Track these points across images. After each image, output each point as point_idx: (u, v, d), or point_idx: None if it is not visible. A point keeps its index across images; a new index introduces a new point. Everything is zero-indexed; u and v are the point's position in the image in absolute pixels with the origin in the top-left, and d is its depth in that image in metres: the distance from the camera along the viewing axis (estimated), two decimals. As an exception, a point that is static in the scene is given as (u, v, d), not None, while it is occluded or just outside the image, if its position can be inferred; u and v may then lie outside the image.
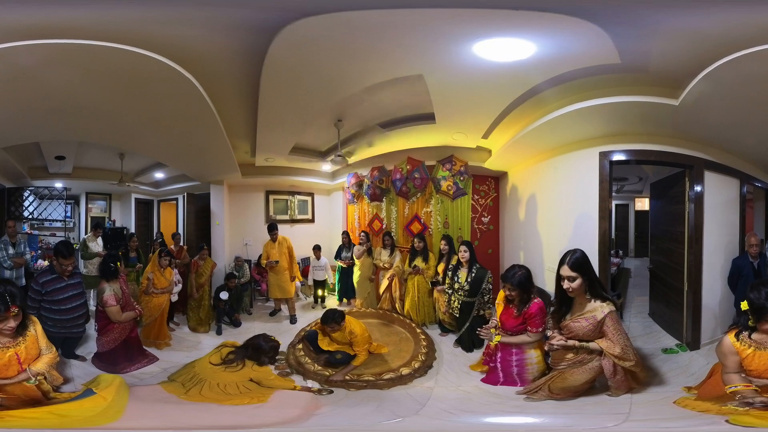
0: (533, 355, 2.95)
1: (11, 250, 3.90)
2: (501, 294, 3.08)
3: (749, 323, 2.24)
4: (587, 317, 2.60)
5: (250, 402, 2.84)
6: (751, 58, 2.39)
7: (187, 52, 2.64)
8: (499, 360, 3.02)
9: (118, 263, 3.41)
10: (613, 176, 3.64)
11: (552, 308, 2.80)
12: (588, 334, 2.60)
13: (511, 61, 2.71)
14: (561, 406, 2.62)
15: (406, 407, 2.72)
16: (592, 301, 2.61)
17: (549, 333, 2.78)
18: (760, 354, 2.22)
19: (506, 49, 2.59)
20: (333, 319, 3.43)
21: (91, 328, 3.59)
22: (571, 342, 2.63)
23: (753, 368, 2.25)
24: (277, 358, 3.58)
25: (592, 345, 2.61)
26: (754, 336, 2.25)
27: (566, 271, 2.56)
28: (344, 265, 5.07)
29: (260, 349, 3.51)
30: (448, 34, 2.42)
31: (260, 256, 5.01)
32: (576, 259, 2.57)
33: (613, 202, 3.77)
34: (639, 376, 2.73)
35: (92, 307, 3.91)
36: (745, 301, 2.23)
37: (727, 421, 2.22)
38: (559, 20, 2.18)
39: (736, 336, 2.30)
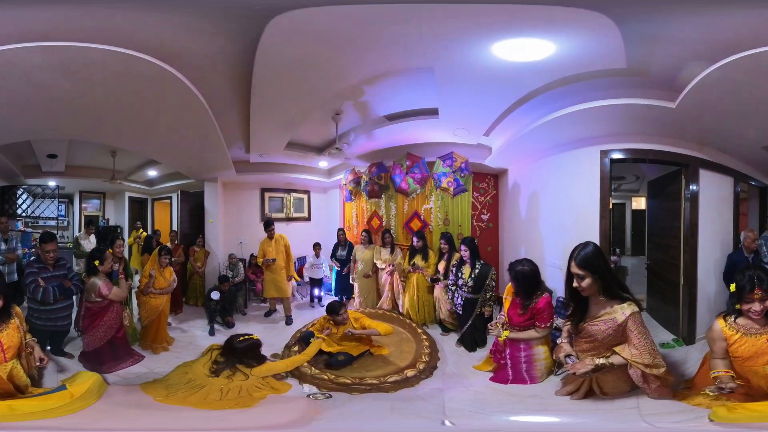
0: (541, 351, 2.94)
1: (3, 246, 3.87)
2: (509, 288, 3.06)
3: (735, 306, 2.29)
4: (605, 320, 2.37)
5: (234, 407, 2.76)
6: (741, 62, 2.46)
7: (175, 44, 2.60)
8: (508, 357, 3.00)
9: (95, 261, 3.32)
10: (612, 175, 3.69)
11: (557, 307, 2.75)
12: (608, 339, 2.38)
13: (523, 60, 2.71)
14: (578, 403, 2.60)
15: (425, 410, 2.64)
16: (611, 301, 2.37)
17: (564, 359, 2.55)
18: (746, 339, 2.26)
19: (522, 48, 2.58)
20: (341, 305, 3.54)
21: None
22: (587, 367, 2.37)
23: (738, 354, 2.28)
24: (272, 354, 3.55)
25: (616, 359, 2.35)
26: (741, 321, 2.29)
27: (575, 268, 2.32)
28: (338, 267, 5.03)
29: (239, 352, 3.31)
30: (464, 30, 2.41)
31: (252, 255, 4.95)
32: (585, 255, 2.31)
33: (611, 201, 3.81)
34: (669, 380, 2.52)
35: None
36: (734, 284, 2.28)
37: (708, 417, 2.25)
38: (578, 17, 2.18)
39: (725, 320, 2.34)
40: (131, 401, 2.76)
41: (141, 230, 5.12)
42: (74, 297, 3.46)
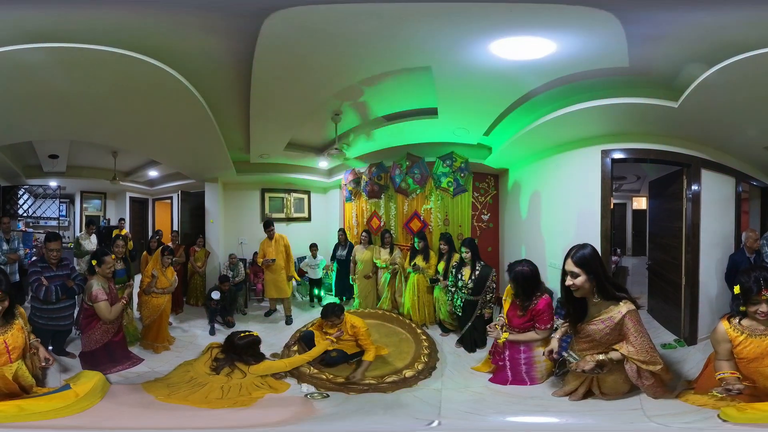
0: (541, 352, 2.90)
1: (5, 246, 3.89)
2: (508, 290, 3.04)
3: (741, 308, 2.27)
4: (603, 319, 2.40)
5: (233, 406, 2.77)
6: (744, 62, 2.45)
7: (175, 45, 2.61)
8: (507, 358, 2.99)
9: (93, 261, 3.33)
10: (613, 175, 3.67)
11: (557, 308, 2.75)
12: (607, 337, 2.41)
13: (523, 59, 2.69)
14: (579, 404, 2.59)
15: (420, 411, 2.63)
16: (607, 302, 2.41)
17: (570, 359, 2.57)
18: (751, 341, 2.24)
19: (522, 47, 2.56)
20: (333, 312, 3.43)
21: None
22: (590, 364, 2.41)
23: (743, 356, 2.27)
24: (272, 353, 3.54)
25: (614, 355, 2.40)
26: (746, 322, 2.28)
27: (570, 265, 2.37)
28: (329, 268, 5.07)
29: (239, 348, 3.29)
30: (462, 28, 2.40)
31: (255, 254, 4.95)
32: (582, 255, 2.37)
33: (612, 201, 3.80)
34: (665, 378, 2.57)
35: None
36: (738, 286, 2.27)
37: (718, 415, 2.25)
38: (580, 14, 2.16)
39: (730, 321, 2.33)
40: (134, 400, 2.78)
41: (123, 229, 5.08)
42: (76, 297, 3.47)
